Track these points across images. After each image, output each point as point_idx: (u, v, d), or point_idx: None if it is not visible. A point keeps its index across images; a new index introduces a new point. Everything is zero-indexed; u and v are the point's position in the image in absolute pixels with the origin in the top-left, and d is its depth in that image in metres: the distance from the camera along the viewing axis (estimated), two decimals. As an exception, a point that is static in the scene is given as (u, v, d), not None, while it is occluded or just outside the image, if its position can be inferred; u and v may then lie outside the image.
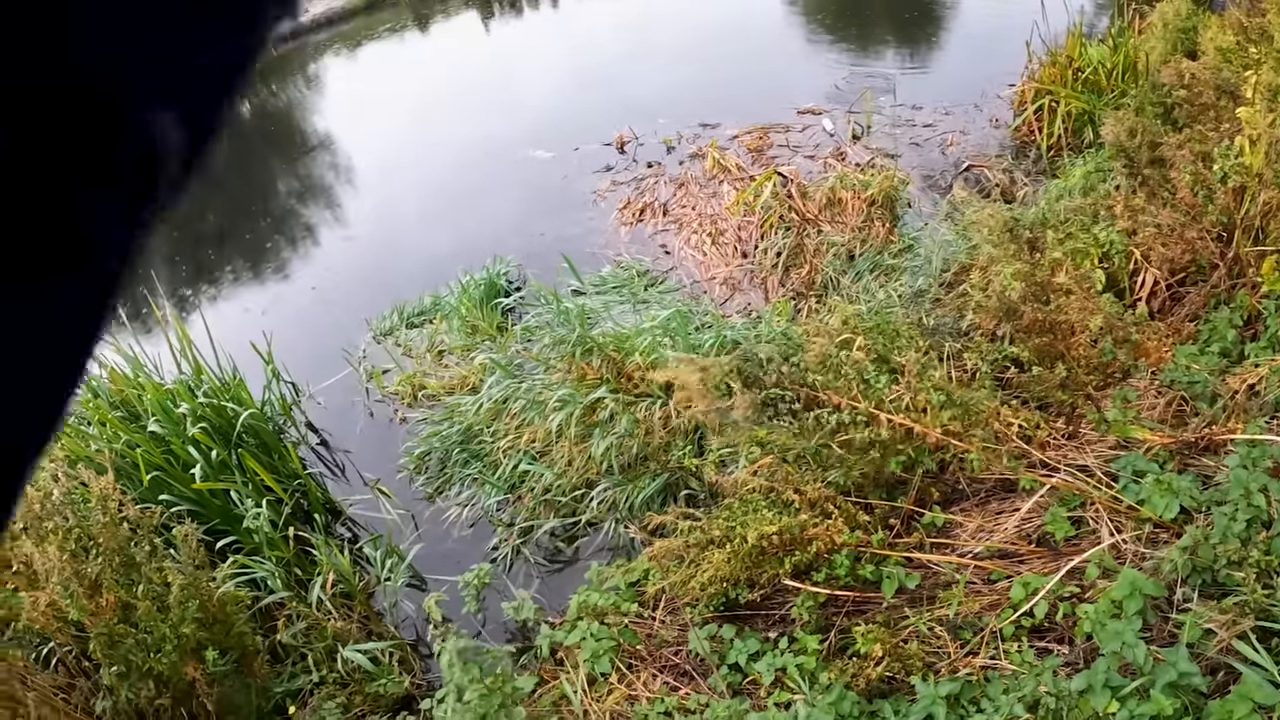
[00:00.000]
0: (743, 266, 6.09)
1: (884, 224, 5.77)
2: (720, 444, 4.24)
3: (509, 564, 4.71)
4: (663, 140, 8.19)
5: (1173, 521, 3.00)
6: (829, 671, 2.96)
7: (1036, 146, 6.49)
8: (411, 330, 6.80)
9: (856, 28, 9.93)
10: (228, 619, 4.05)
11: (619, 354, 4.89)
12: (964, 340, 4.53)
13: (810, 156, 7.17)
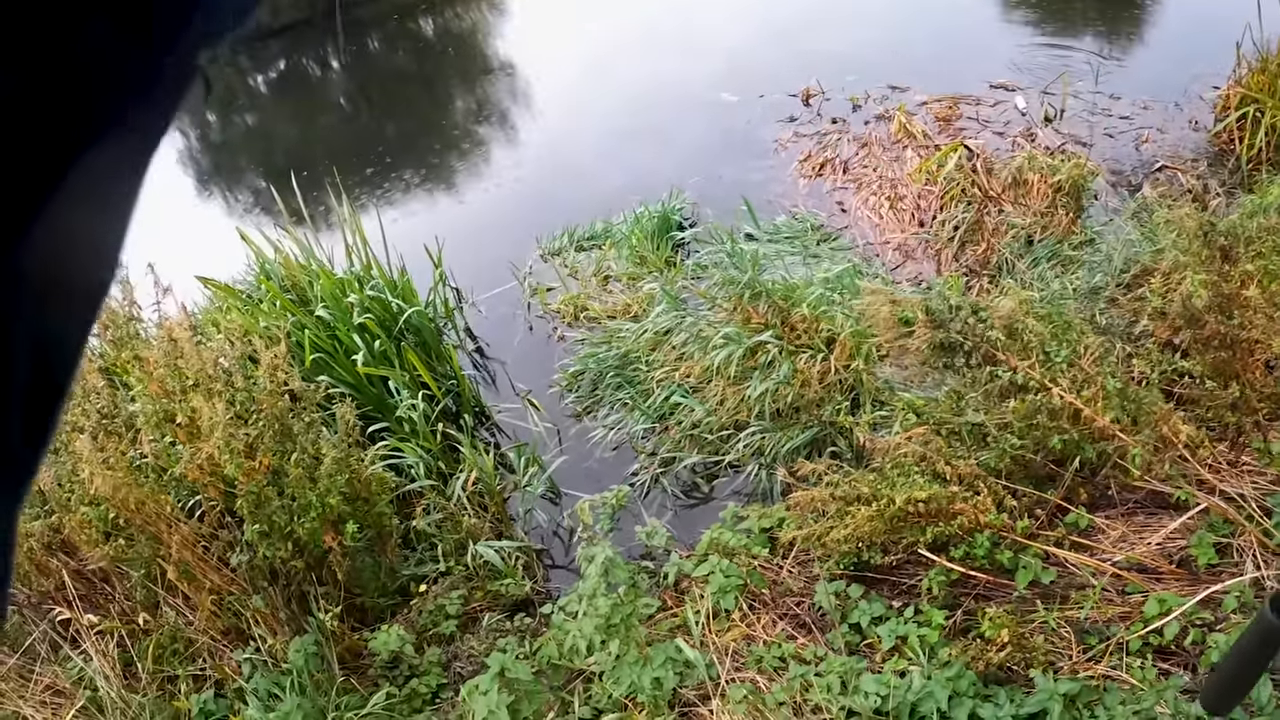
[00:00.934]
0: (918, 235, 6.07)
1: (1068, 213, 5.67)
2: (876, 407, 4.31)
3: (646, 491, 4.87)
4: (849, 98, 8.11)
5: (1322, 565, 2.97)
6: (950, 648, 3.04)
7: (1236, 156, 6.24)
8: (580, 253, 6.96)
9: (1060, 4, 9.60)
10: (371, 497, 4.30)
11: (786, 302, 4.96)
12: (1135, 345, 4.46)
13: (999, 133, 7.04)
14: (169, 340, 4.13)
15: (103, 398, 4.27)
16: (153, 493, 3.90)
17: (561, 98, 11.02)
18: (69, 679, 4.14)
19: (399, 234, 6.69)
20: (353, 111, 13.49)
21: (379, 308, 5.77)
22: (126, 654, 4.20)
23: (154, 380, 3.99)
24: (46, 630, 4.36)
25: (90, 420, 4.12)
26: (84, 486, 3.79)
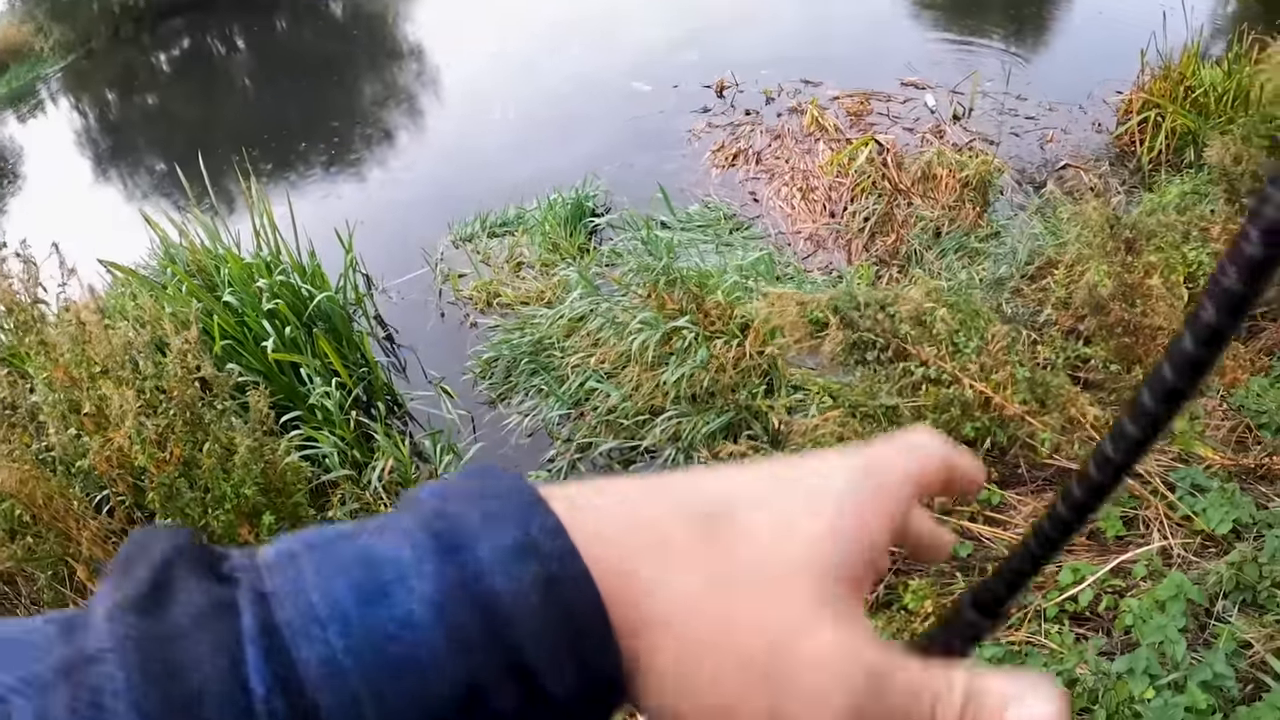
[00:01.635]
0: (829, 225, 6.15)
1: (975, 207, 5.81)
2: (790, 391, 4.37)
3: (563, 477, 4.85)
4: (763, 91, 8.20)
5: (1223, 537, 3.10)
6: (875, 620, 3.10)
7: (1136, 158, 6.46)
8: (492, 239, 6.92)
9: (971, 6, 9.85)
10: (287, 488, 4.20)
11: (700, 289, 4.99)
12: (1039, 333, 4.59)
13: (909, 129, 7.18)
14: (76, 324, 3.98)
15: (3, 387, 4.10)
16: (60, 487, 3.76)
17: (470, 84, 10.96)
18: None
19: (308, 219, 6.57)
20: (257, 94, 13.21)
21: (289, 293, 5.66)
22: None
23: (59, 366, 3.84)
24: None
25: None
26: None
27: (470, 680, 0.32)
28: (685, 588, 0.35)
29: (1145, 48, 6.62)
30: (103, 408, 3.73)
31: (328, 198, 8.76)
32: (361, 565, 0.33)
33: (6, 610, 4.16)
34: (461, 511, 0.35)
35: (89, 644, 0.32)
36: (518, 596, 0.32)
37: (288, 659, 0.31)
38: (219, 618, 0.32)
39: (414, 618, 0.32)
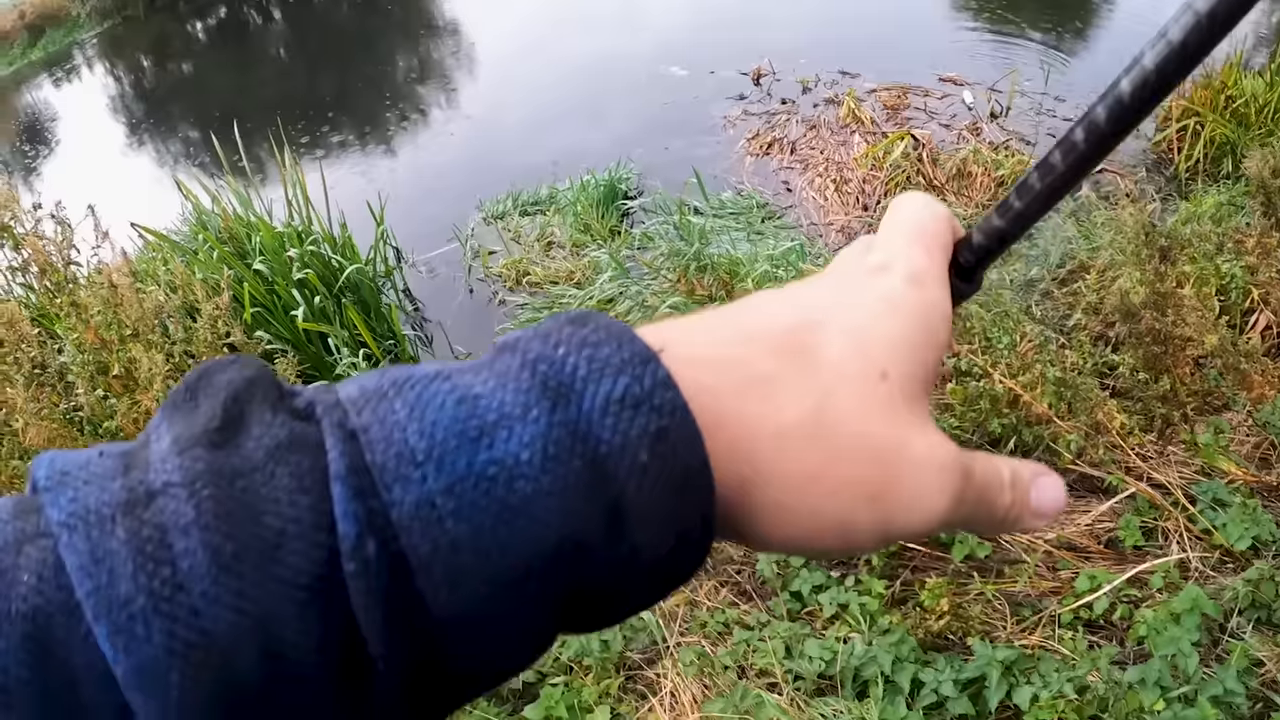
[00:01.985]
0: (862, 219, 6.16)
1: (1008, 207, 5.81)
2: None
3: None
4: (799, 80, 8.19)
5: (1242, 554, 3.12)
6: (891, 616, 3.14)
7: (1173, 166, 6.44)
8: (523, 218, 6.96)
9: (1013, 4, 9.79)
10: (307, 458, 4.25)
11: (731, 277, 5.02)
12: (1068, 337, 4.60)
13: (945, 125, 7.17)
14: (108, 286, 4.03)
15: (34, 347, 4.15)
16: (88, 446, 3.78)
17: (506, 62, 10.97)
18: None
19: (340, 190, 6.63)
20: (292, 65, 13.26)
21: (319, 263, 5.71)
22: None
23: (90, 328, 3.89)
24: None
25: (22, 370, 4.00)
26: (15, 438, 3.66)
27: (570, 533, 0.30)
28: (782, 422, 0.34)
29: (1189, 53, 6.57)
30: (131, 370, 3.77)
31: (360, 170, 8.81)
32: (461, 405, 0.31)
33: None
34: (567, 356, 0.32)
35: (152, 478, 0.29)
36: (625, 450, 0.31)
37: (379, 500, 0.29)
38: (301, 454, 0.30)
39: (518, 462, 0.30)
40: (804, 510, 0.35)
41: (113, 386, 3.86)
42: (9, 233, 4.12)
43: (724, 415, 0.34)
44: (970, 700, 2.76)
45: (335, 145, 9.59)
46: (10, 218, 4.09)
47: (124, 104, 13.00)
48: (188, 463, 0.29)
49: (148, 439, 0.32)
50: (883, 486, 0.35)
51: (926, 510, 0.36)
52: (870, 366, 0.36)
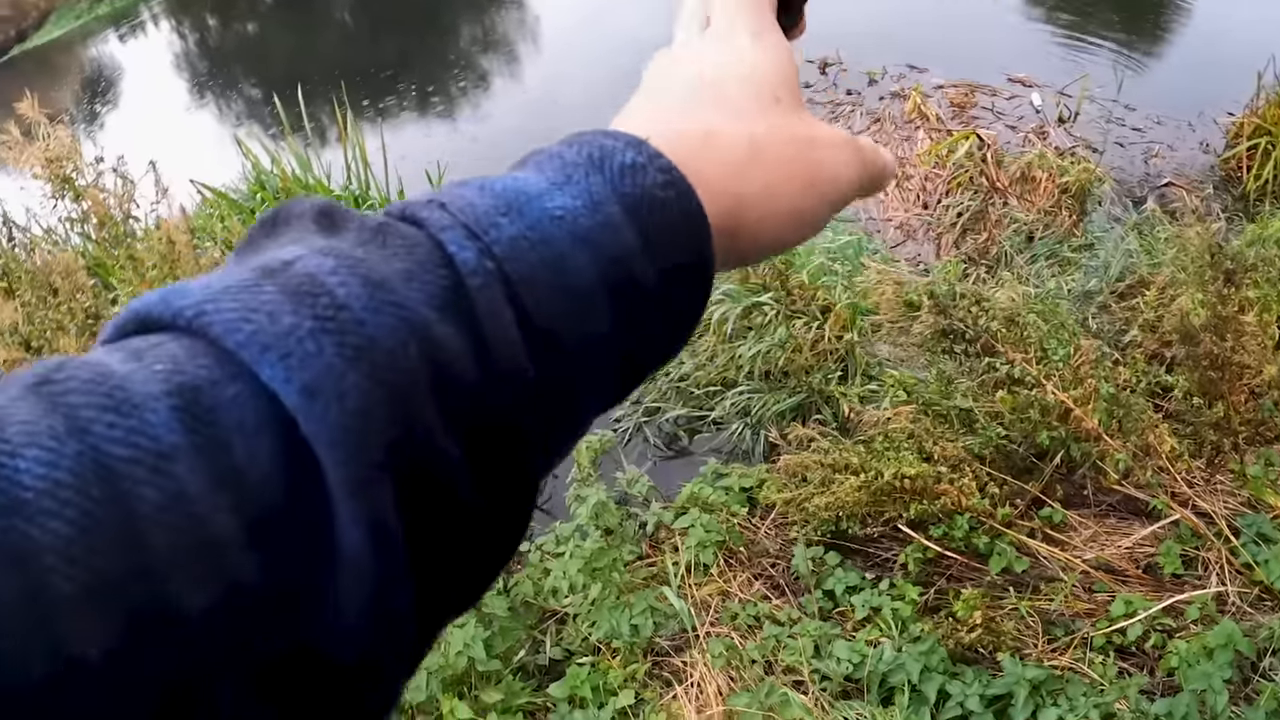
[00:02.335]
0: (921, 217, 6.11)
1: (1071, 215, 5.73)
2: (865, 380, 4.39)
3: (627, 439, 4.92)
4: (866, 72, 8.11)
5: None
6: (922, 624, 3.13)
7: (1242, 185, 6.31)
8: (582, 195, 6.95)
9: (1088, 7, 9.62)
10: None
11: (786, 267, 5.00)
12: (1122, 353, 4.55)
13: (1012, 126, 7.08)
14: (166, 242, 4.08)
15: (89, 297, 4.22)
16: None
17: (568, 35, 10.94)
18: None
19: (398, 157, 6.64)
20: (357, 29, 13.30)
21: (374, 229, 5.74)
22: None
23: (145, 282, 3.94)
24: None
25: (75, 320, 4.06)
26: None
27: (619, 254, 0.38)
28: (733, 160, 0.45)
29: (1263, 70, 6.44)
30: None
31: (420, 137, 8.84)
32: (515, 182, 0.39)
33: None
34: (582, 148, 0.41)
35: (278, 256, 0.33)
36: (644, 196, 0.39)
37: (482, 241, 0.35)
38: (403, 224, 0.36)
39: (574, 209, 0.38)
40: (770, 215, 0.46)
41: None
42: (70, 184, 4.18)
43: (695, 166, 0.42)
44: (995, 717, 2.76)
45: (396, 111, 9.62)
46: (73, 169, 4.14)
47: (188, 61, 13.12)
48: (305, 241, 0.34)
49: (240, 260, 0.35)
50: (814, 171, 0.48)
51: (847, 176, 0.50)
52: (767, 95, 0.48)
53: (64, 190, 4.21)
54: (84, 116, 11.76)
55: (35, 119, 4.14)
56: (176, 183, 5.54)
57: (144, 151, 5.04)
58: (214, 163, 6.96)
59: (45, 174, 4.22)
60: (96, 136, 10.85)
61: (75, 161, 4.17)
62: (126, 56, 14.10)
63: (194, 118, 10.87)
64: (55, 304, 4.14)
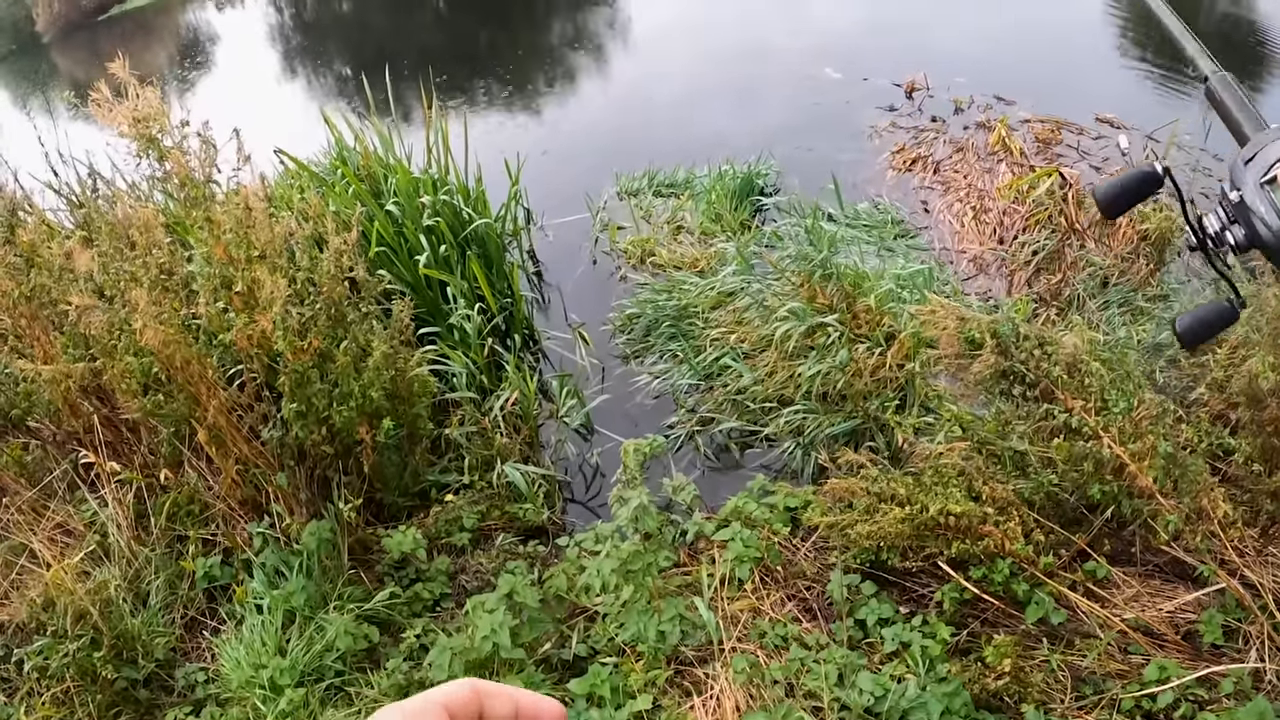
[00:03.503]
0: (995, 251, 6.04)
1: (1149, 263, 5.63)
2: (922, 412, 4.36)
3: (679, 445, 4.93)
4: (953, 99, 8.04)
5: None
6: (950, 665, 3.11)
7: (1331, 248, 6.14)
8: (657, 198, 7.00)
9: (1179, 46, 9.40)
10: (411, 398, 4.35)
11: (854, 290, 4.98)
12: (1187, 410, 4.46)
13: (1096, 167, 6.97)
14: (244, 208, 4.16)
15: (164, 253, 4.31)
16: (199, 354, 3.92)
17: (660, 41, 10.99)
18: (81, 520, 4.24)
19: (480, 144, 6.71)
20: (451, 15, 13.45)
21: (449, 213, 5.81)
22: (141, 506, 4.28)
23: (220, 244, 4.02)
24: (68, 470, 4.45)
25: (149, 274, 4.15)
26: (133, 337, 3.80)
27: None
28: None
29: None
30: (254, 289, 3.88)
31: (503, 127, 8.94)
32: None
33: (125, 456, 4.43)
34: None
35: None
36: None
37: None
38: None
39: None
40: None
41: (234, 302, 3.98)
42: (155, 144, 4.28)
43: None
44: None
45: (483, 99, 9.72)
46: (159, 130, 4.24)
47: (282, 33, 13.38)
48: None
49: None
50: None
51: None
52: None
53: (149, 150, 4.30)
54: (176, 79, 12.03)
55: (125, 79, 4.23)
56: (260, 151, 5.65)
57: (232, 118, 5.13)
58: (299, 135, 7.10)
59: (132, 133, 4.31)
60: (188, 99, 11.10)
61: (161, 123, 4.26)
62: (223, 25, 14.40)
63: (283, 89, 11.09)
64: (131, 257, 4.25)
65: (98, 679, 3.59)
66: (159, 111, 4.32)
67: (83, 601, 3.68)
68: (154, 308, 3.76)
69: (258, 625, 3.71)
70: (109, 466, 4.23)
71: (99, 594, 3.77)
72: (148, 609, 3.96)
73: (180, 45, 13.62)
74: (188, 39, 13.92)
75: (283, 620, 3.74)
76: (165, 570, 4.07)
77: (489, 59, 10.73)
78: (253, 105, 9.55)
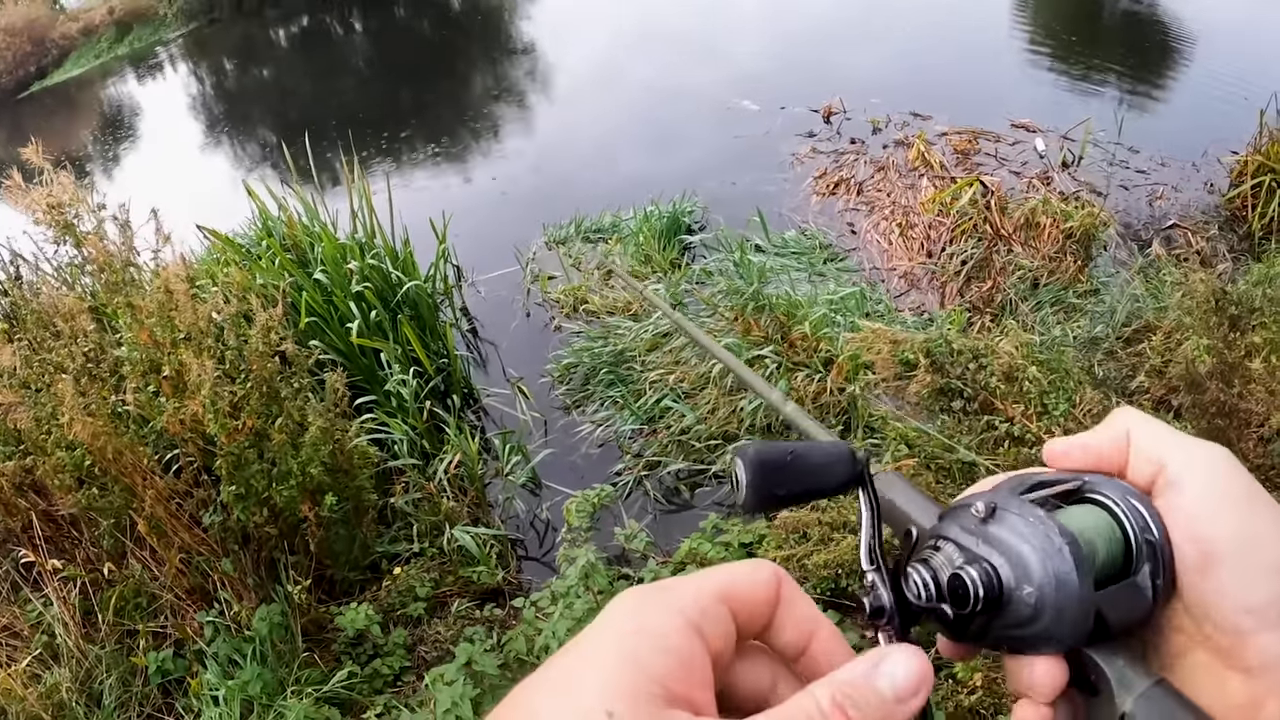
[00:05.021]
0: (925, 265, 6.06)
1: (1076, 260, 5.68)
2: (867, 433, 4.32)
3: (628, 492, 4.85)
4: (870, 120, 8.13)
5: None
6: (927, 687, 3.04)
7: (1247, 224, 6.24)
8: (585, 244, 6.97)
9: (1086, 47, 9.62)
10: (353, 470, 4.23)
11: (788, 319, 4.95)
12: (1129, 400, 4.46)
13: (1015, 172, 7.05)
14: (164, 291, 4.07)
15: (90, 340, 4.20)
16: (132, 443, 3.82)
17: (579, 88, 11.03)
18: (27, 622, 4.09)
19: (405, 204, 6.67)
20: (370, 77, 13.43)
21: (378, 277, 5.74)
22: (88, 603, 4.15)
23: (144, 329, 3.93)
24: (9, 570, 4.32)
25: (75, 362, 4.04)
26: (62, 430, 3.70)
27: None
28: None
29: (1265, 108, 6.41)
30: (182, 372, 3.79)
31: (427, 186, 8.90)
32: None
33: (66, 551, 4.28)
34: None
35: None
36: None
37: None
38: None
39: None
40: None
41: (164, 387, 3.88)
42: (71, 231, 4.20)
43: None
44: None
45: (406, 159, 9.69)
46: (74, 215, 4.17)
47: (204, 104, 13.29)
48: None
49: None
50: None
51: None
52: None
53: (65, 236, 4.23)
54: (99, 155, 11.89)
55: (39, 163, 4.16)
56: (185, 226, 5.57)
57: (156, 194, 5.07)
58: (225, 207, 7.02)
59: (46, 219, 4.24)
60: (112, 174, 10.96)
61: (76, 207, 4.19)
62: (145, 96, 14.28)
63: (207, 160, 10.99)
64: (56, 347, 4.15)
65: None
66: (74, 196, 4.24)
67: (35, 707, 3.56)
68: (81, 399, 3.67)
69: (215, 718, 3.56)
70: (50, 564, 4.09)
71: (51, 697, 3.65)
72: (102, 709, 3.82)
73: (102, 120, 13.49)
74: (110, 113, 13.78)
75: (241, 711, 3.61)
76: (117, 668, 3.93)
77: (411, 117, 10.71)
78: (176, 179, 9.47)
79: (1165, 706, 0.47)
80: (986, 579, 0.49)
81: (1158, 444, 0.54)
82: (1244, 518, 0.50)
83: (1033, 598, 0.48)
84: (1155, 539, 0.51)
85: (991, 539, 0.50)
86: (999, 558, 0.49)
